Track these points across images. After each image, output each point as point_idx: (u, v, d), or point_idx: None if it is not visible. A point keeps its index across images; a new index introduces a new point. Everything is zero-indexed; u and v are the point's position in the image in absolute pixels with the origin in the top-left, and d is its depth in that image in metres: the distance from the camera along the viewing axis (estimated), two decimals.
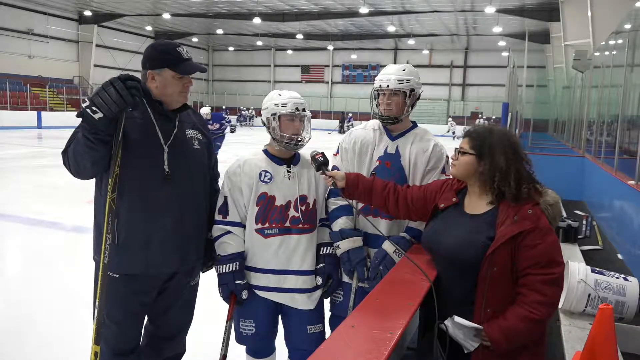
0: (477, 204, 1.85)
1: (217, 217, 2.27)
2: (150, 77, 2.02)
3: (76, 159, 1.90)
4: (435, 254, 1.92)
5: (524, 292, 1.67)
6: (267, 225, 2.24)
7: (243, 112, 34.58)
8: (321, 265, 2.31)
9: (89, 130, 1.81)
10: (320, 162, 2.15)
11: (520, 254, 1.67)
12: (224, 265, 2.21)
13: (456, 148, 1.89)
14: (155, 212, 2.02)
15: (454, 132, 27.57)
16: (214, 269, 2.31)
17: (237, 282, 2.19)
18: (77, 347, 3.12)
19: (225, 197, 2.26)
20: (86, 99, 1.81)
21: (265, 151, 2.32)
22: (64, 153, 1.94)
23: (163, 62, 2.01)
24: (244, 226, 2.28)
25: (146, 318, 2.21)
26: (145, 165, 2.00)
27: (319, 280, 2.30)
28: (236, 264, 2.21)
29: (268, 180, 2.24)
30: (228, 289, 2.20)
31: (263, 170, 2.25)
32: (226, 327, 2.24)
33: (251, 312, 2.29)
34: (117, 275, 2.00)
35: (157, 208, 2.02)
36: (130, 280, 2.02)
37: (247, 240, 2.28)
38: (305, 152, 2.39)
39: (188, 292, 2.26)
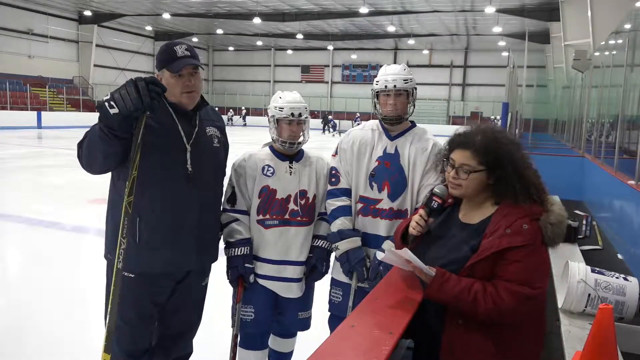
0: (475, 213, 1.69)
1: (226, 205, 2.38)
2: (159, 79, 2.01)
3: (89, 150, 1.89)
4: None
5: (487, 284, 1.52)
6: (267, 216, 2.36)
7: (242, 112, 34.88)
8: (309, 255, 2.41)
9: (104, 123, 1.80)
10: (431, 207, 1.77)
11: (498, 267, 1.53)
12: (235, 249, 2.31)
13: (450, 164, 1.68)
14: (178, 212, 2.02)
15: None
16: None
17: (246, 265, 2.30)
18: (77, 346, 3.13)
19: (233, 188, 2.38)
20: (109, 93, 1.78)
21: (271, 147, 2.44)
22: (80, 144, 1.92)
23: (161, 63, 2.01)
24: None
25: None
26: (169, 165, 2.00)
27: (304, 269, 2.41)
28: (246, 249, 2.32)
29: (270, 175, 2.36)
30: (237, 272, 2.30)
31: (266, 165, 2.37)
32: (236, 308, 2.34)
33: (251, 298, 2.38)
34: (133, 275, 1.98)
35: (181, 207, 2.02)
36: (145, 281, 2.01)
37: (250, 230, 2.38)
38: (308, 149, 2.49)
39: (198, 292, 2.26)
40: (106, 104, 1.75)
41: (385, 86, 2.29)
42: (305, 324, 2.53)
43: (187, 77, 2.01)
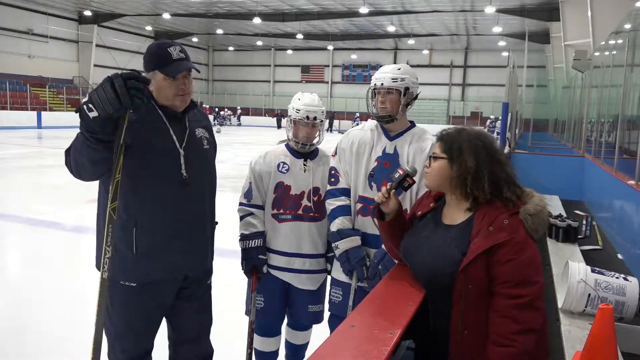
0: (454, 214, 1.69)
1: (243, 200, 2.53)
2: (148, 79, 1.93)
3: (75, 157, 1.81)
4: (412, 269, 1.76)
5: (497, 320, 1.50)
6: (281, 211, 2.49)
7: (221, 113, 34.83)
8: (331, 254, 2.49)
9: (85, 128, 1.70)
10: (401, 184, 1.83)
11: (492, 269, 1.52)
12: (249, 241, 2.46)
13: (429, 156, 1.75)
14: (176, 219, 1.96)
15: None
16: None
17: (260, 256, 2.44)
18: (77, 346, 3.12)
19: (250, 184, 2.52)
20: (88, 94, 1.69)
21: (287, 145, 2.56)
22: (67, 152, 1.85)
23: (153, 65, 1.91)
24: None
25: (168, 326, 2.17)
26: (163, 171, 1.93)
27: (329, 266, 2.55)
28: (260, 241, 2.47)
29: (285, 171, 2.49)
30: (251, 263, 2.45)
31: (281, 162, 2.51)
32: (251, 297, 2.50)
33: (261, 288, 2.52)
34: (135, 285, 1.94)
35: (178, 214, 1.96)
36: (148, 288, 1.96)
37: (265, 223, 2.52)
38: (324, 147, 2.60)
39: (204, 291, 2.22)
40: (84, 107, 1.64)
41: (375, 84, 2.32)
42: (316, 317, 2.62)
43: (181, 80, 1.93)
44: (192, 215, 2.02)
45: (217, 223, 2.24)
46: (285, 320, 2.70)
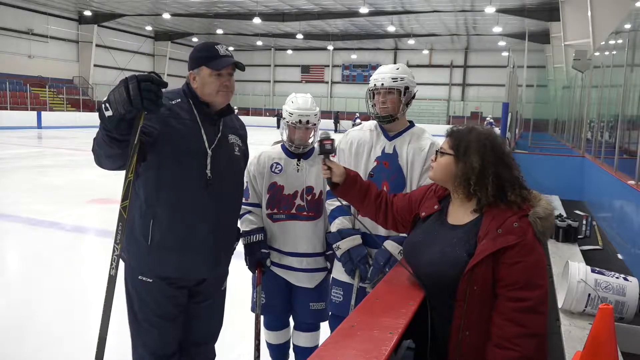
0: (460, 214, 1.68)
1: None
2: (192, 78, 1.99)
3: (95, 149, 1.84)
4: (415, 269, 1.73)
5: (500, 323, 1.49)
6: (275, 210, 2.53)
7: None
8: (330, 252, 2.51)
9: (102, 126, 1.73)
10: (324, 150, 1.98)
11: (499, 271, 1.51)
12: (251, 236, 2.49)
13: (437, 150, 1.76)
14: (194, 217, 1.97)
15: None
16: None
17: (262, 250, 2.47)
18: (77, 346, 3.13)
19: (247, 183, 2.52)
20: (108, 94, 1.72)
21: (282, 145, 2.59)
22: (94, 140, 1.85)
23: (199, 61, 1.98)
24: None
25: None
26: (188, 168, 1.96)
27: (329, 264, 2.57)
28: (261, 235, 2.51)
29: (278, 172, 2.53)
30: (255, 258, 2.48)
31: (275, 162, 2.55)
32: (256, 292, 2.54)
33: (263, 284, 2.55)
34: (151, 280, 1.97)
35: (196, 213, 1.98)
36: (162, 285, 1.99)
37: (263, 222, 2.56)
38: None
39: (217, 296, 2.22)
40: (103, 105, 1.68)
41: (375, 85, 2.33)
42: (319, 315, 2.63)
43: (226, 77, 1.98)
44: (212, 218, 2.01)
45: (239, 231, 2.25)
46: (292, 324, 2.71)
